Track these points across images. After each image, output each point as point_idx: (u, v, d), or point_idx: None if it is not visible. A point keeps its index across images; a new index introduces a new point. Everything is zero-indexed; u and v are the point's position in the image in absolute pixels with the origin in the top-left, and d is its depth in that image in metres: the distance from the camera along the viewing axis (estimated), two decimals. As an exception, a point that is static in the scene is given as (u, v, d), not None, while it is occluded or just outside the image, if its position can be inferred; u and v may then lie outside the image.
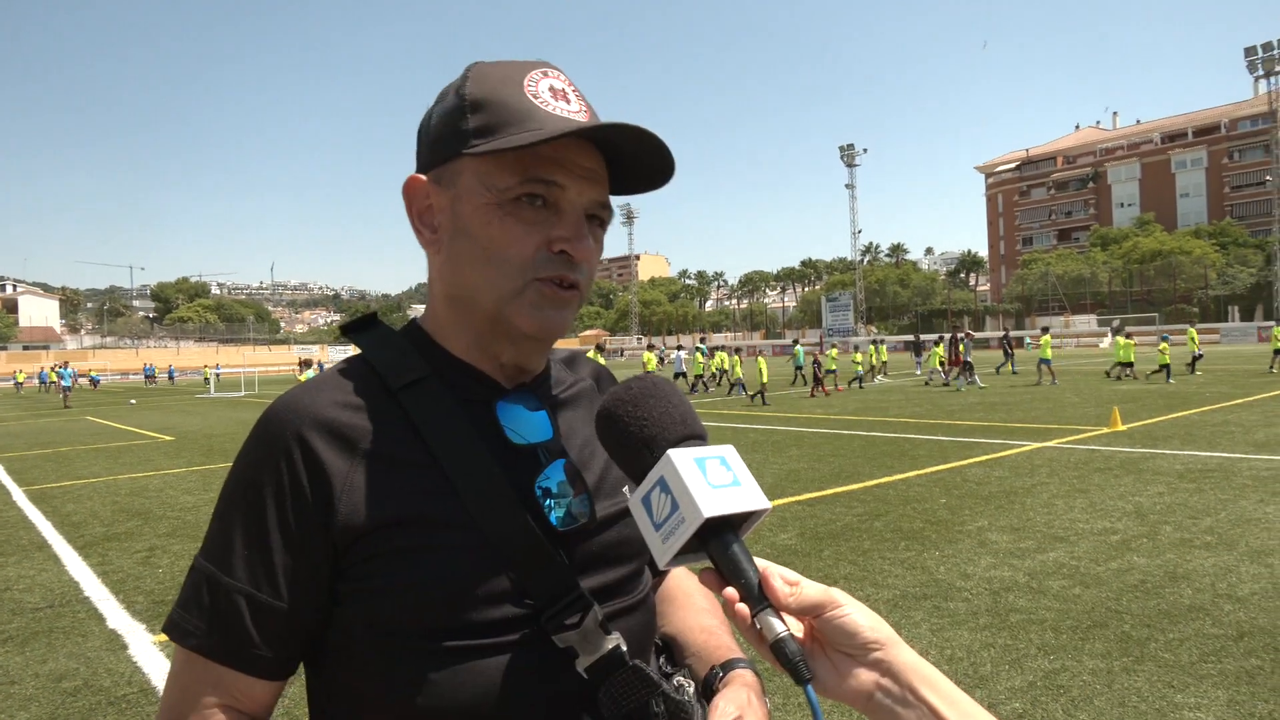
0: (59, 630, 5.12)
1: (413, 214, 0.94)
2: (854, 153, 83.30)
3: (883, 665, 0.69)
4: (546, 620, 0.84)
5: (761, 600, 0.70)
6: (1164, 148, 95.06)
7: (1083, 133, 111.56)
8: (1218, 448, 10.24)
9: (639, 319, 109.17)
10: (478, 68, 0.92)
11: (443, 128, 0.91)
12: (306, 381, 0.92)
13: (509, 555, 0.84)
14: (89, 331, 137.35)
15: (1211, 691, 3.62)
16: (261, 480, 0.86)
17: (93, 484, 11.32)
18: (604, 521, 0.94)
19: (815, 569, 5.71)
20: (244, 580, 0.84)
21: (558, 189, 0.87)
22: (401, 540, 0.83)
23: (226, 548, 0.86)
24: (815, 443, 12.57)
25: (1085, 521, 6.72)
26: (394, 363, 0.93)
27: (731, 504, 0.72)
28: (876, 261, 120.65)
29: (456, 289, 0.92)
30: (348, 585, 0.85)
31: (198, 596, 0.86)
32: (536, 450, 0.93)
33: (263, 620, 0.84)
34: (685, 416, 0.79)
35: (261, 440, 0.88)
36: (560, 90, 0.90)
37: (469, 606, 0.83)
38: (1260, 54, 59.35)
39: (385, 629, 0.83)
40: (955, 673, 3.95)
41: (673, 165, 0.92)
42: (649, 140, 0.88)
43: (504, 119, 0.87)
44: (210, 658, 0.84)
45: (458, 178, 0.90)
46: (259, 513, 0.85)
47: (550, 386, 1.02)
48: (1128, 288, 74.28)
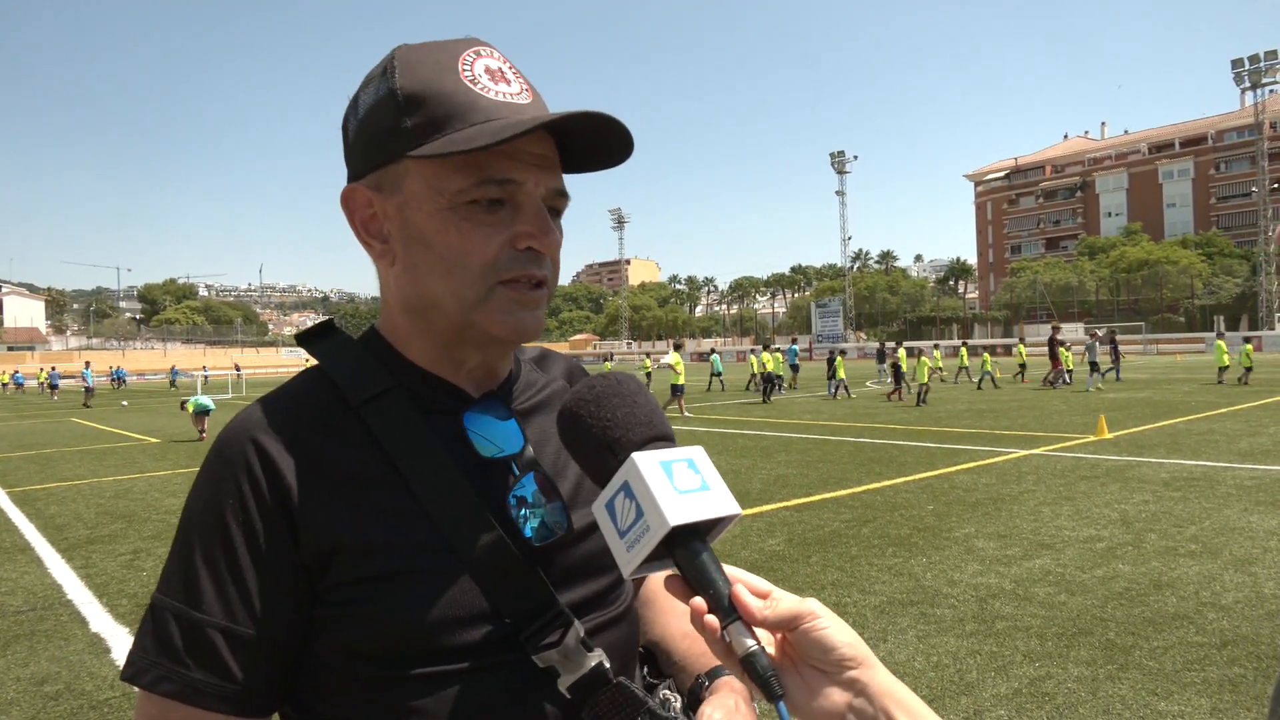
0: (41, 633, 5.07)
1: (356, 225, 0.88)
2: (844, 159, 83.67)
3: (857, 685, 0.66)
4: (525, 640, 0.81)
5: (731, 612, 0.67)
6: (1151, 158, 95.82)
7: (1071, 142, 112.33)
8: (1203, 456, 10.31)
9: (629, 324, 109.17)
10: (403, 54, 0.84)
11: (376, 127, 0.84)
12: (262, 398, 0.87)
13: (483, 574, 0.81)
14: (75, 333, 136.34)
15: (1195, 699, 3.64)
16: (222, 504, 0.80)
17: (77, 486, 11.23)
18: (581, 532, 0.90)
19: (803, 575, 5.72)
20: (218, 614, 0.78)
21: (514, 185, 0.82)
22: (370, 567, 0.79)
23: (192, 580, 0.79)
24: (804, 448, 12.59)
25: (1071, 529, 6.75)
26: (354, 375, 0.88)
27: (699, 510, 0.68)
28: (866, 268, 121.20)
29: (416, 300, 0.86)
30: (320, 611, 0.81)
31: (165, 637, 0.78)
32: (508, 461, 0.89)
33: (243, 655, 0.78)
34: (651, 417, 0.76)
35: (219, 462, 0.83)
36: (497, 70, 0.84)
37: (445, 631, 0.79)
38: (1247, 66, 59.89)
39: (359, 657, 0.79)
40: (941, 679, 3.96)
41: (631, 142, 0.86)
42: (607, 123, 0.82)
43: (446, 113, 0.80)
44: (192, 703, 0.77)
45: (401, 181, 0.83)
46: (225, 538, 0.79)
47: (520, 391, 0.97)
48: (1115, 297, 74.76)
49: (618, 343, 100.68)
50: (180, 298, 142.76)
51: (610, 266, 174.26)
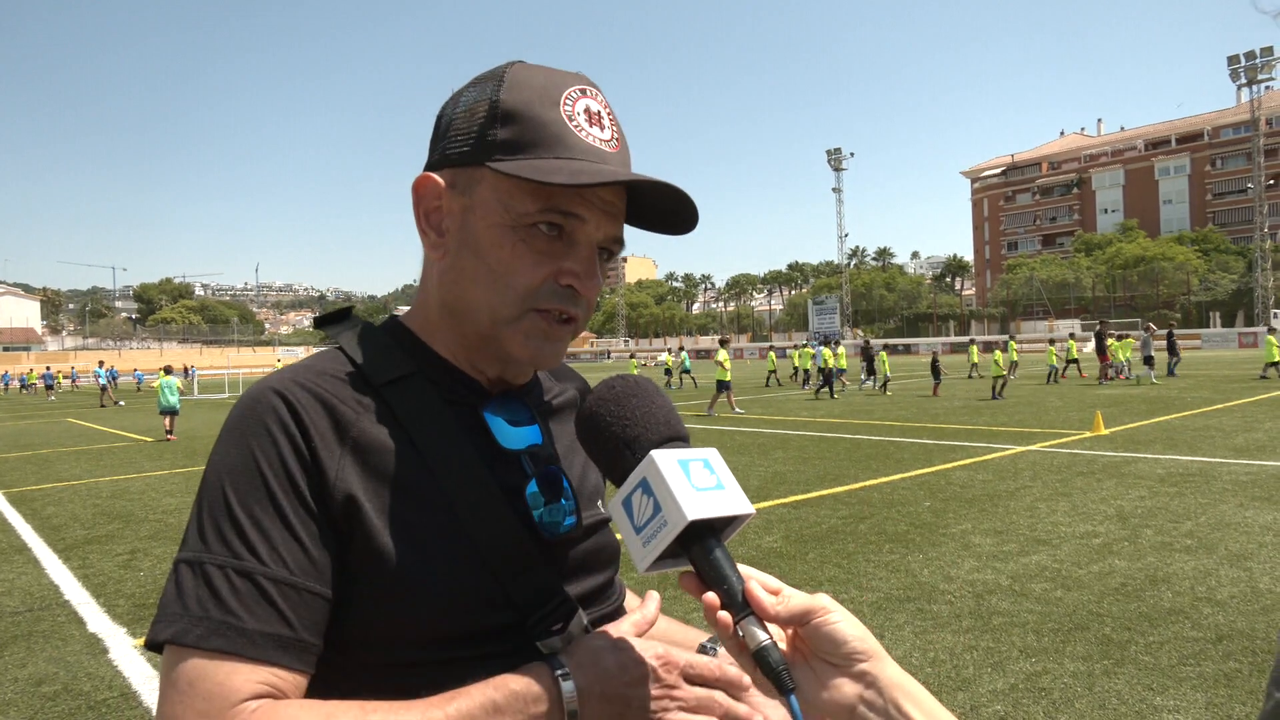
0: (38, 634, 5.07)
1: (419, 213, 0.90)
2: (841, 157, 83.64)
3: (867, 678, 0.67)
4: (532, 626, 0.83)
5: (744, 608, 0.69)
6: (1148, 155, 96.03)
7: (1068, 139, 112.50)
8: (1199, 452, 10.33)
9: (626, 321, 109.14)
10: (517, 71, 0.87)
11: (467, 129, 0.86)
12: (285, 367, 0.86)
13: (496, 560, 0.82)
14: (70, 333, 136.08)
15: (1190, 694, 3.66)
16: (257, 456, 0.78)
17: (74, 486, 11.21)
18: (588, 529, 0.93)
19: (800, 571, 5.73)
20: (271, 561, 0.75)
21: (576, 221, 0.84)
22: (388, 542, 0.79)
23: (236, 531, 0.76)
24: (801, 445, 12.60)
25: (1067, 525, 6.76)
26: (376, 358, 0.89)
27: (715, 508, 0.70)
28: (863, 265, 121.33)
29: (454, 300, 0.89)
30: (347, 570, 0.80)
31: (210, 590, 0.74)
32: (524, 455, 0.91)
33: (298, 604, 0.76)
34: (668, 417, 0.78)
35: (249, 417, 0.81)
36: (596, 114, 0.87)
37: (453, 616, 0.80)
38: (1243, 62, 59.94)
39: (366, 640, 0.80)
40: (938, 675, 3.97)
41: (696, 217, 0.89)
42: (675, 193, 0.85)
43: (535, 138, 0.83)
44: (247, 656, 0.72)
45: (474, 187, 0.86)
46: (265, 487, 0.77)
47: (537, 394, 1.00)
48: (1111, 293, 74.94)
49: (615, 340, 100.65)
50: (176, 297, 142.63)
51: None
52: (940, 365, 22.53)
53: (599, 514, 0.97)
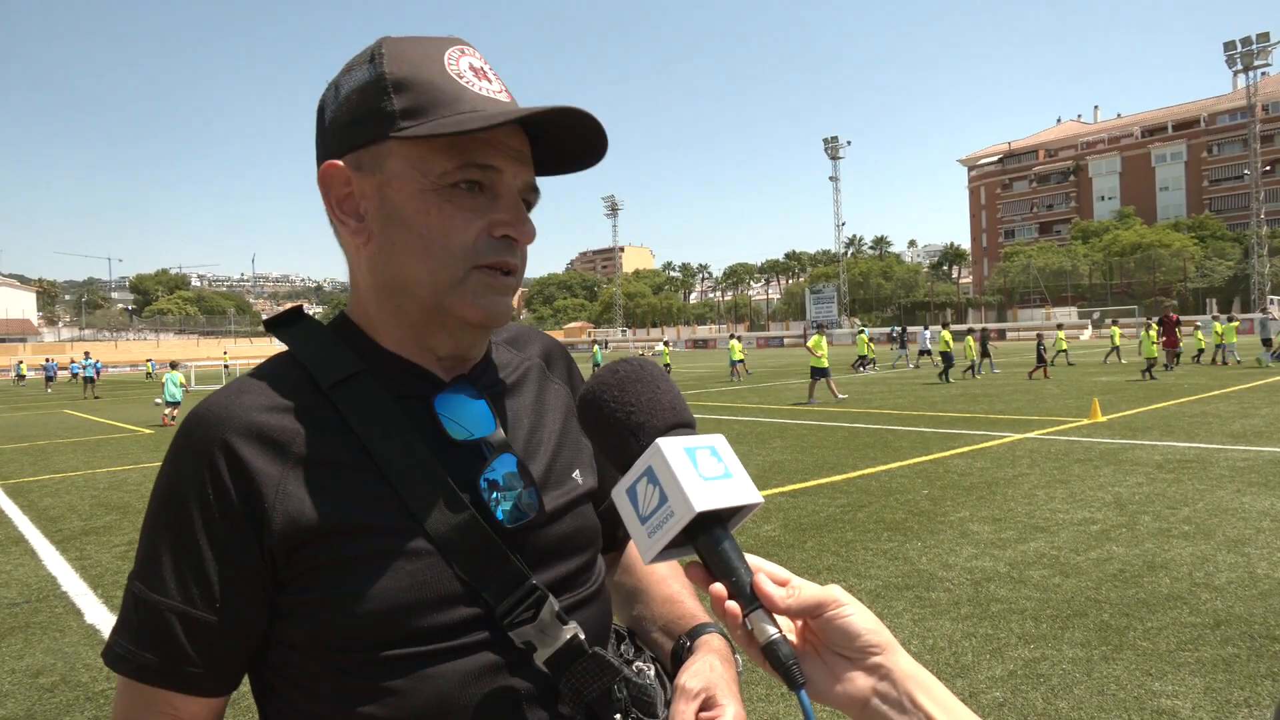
0: (36, 625, 5.06)
1: (330, 203, 0.88)
2: (838, 145, 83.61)
3: (881, 670, 0.66)
4: (501, 617, 0.82)
5: (753, 600, 0.67)
6: (1144, 142, 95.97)
7: (1064, 126, 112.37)
8: (1196, 439, 10.35)
9: (623, 311, 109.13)
10: (391, 43, 0.87)
11: (360, 108, 0.85)
12: (230, 384, 0.87)
13: (457, 555, 0.82)
14: (67, 324, 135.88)
15: (1189, 679, 3.66)
16: (185, 493, 0.81)
17: (70, 478, 11.20)
18: (553, 514, 0.91)
19: (798, 560, 5.74)
20: (175, 597, 0.80)
21: (495, 172, 0.84)
22: (343, 550, 0.80)
23: (154, 565, 0.81)
24: (799, 434, 12.61)
25: (1065, 512, 6.78)
26: (323, 359, 0.88)
27: (723, 497, 0.68)
28: (860, 254, 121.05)
29: (391, 279, 0.87)
30: (289, 598, 0.81)
31: (129, 618, 0.82)
32: (479, 444, 0.89)
33: (196, 636, 0.80)
34: (675, 402, 0.76)
35: (184, 451, 0.83)
36: (480, 69, 0.87)
37: (420, 613, 0.80)
38: (1239, 48, 59.92)
39: (334, 644, 0.80)
40: (937, 662, 3.97)
41: (605, 145, 0.88)
42: (586, 122, 0.85)
43: (432, 100, 0.83)
44: (145, 681, 0.81)
45: (383, 161, 0.84)
46: (186, 526, 0.80)
47: (492, 374, 0.98)
48: (1108, 280, 75.05)
49: (612, 330, 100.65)
50: (173, 288, 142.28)
51: (604, 254, 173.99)
52: (1043, 348, 22.63)
53: (573, 490, 0.95)
